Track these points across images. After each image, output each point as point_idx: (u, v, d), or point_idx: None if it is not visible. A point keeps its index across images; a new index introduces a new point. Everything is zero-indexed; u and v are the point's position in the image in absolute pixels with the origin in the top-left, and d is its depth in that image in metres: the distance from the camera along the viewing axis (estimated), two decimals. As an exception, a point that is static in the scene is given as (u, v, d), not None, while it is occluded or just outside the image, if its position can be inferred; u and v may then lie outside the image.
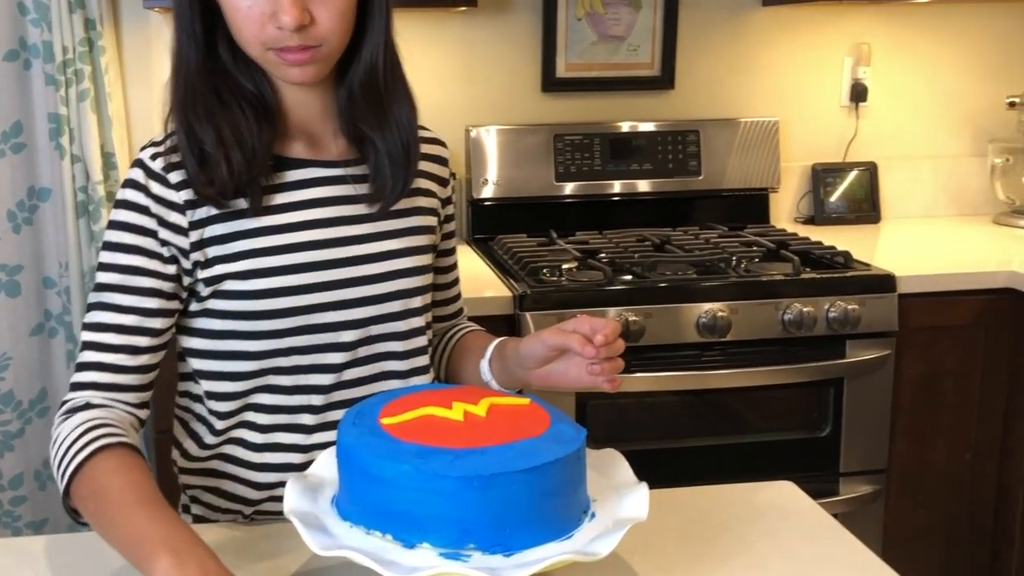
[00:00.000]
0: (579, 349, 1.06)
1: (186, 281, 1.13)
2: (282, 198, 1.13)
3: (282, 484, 1.14)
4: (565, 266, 2.19)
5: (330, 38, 1.06)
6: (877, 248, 2.50)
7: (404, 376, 1.21)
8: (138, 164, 1.12)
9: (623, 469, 1.01)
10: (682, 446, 2.17)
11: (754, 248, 2.33)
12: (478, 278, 2.20)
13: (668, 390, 2.13)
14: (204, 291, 1.13)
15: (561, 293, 2.06)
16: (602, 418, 2.12)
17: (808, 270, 2.18)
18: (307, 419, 1.17)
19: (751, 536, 1.12)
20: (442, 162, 1.29)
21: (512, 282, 2.13)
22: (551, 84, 2.62)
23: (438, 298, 1.33)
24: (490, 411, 0.96)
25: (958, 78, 2.82)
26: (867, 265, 2.22)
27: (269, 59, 1.07)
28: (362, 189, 1.16)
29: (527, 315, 2.03)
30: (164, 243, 1.10)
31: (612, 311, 2.05)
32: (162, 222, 1.10)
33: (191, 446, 1.20)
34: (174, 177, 1.10)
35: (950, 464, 2.28)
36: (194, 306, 1.15)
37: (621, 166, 2.59)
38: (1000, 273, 2.21)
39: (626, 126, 2.60)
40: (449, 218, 1.31)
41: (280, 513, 1.06)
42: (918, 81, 2.80)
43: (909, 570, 1.22)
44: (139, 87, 2.43)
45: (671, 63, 2.65)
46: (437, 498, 0.85)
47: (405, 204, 1.20)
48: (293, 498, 0.94)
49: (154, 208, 1.10)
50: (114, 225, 1.11)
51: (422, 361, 1.23)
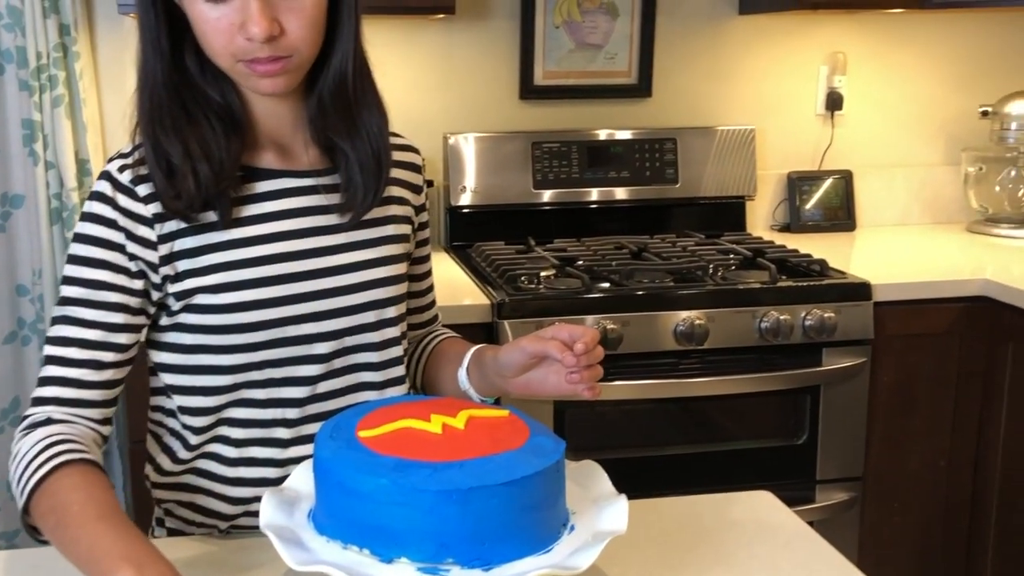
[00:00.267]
0: (558, 355, 1.05)
1: (155, 296, 1.11)
2: (253, 209, 1.12)
3: (257, 499, 1.13)
4: (543, 273, 2.19)
5: (300, 48, 1.05)
6: (852, 256, 2.52)
7: (380, 387, 1.20)
8: (105, 176, 1.10)
9: (602, 481, 1.01)
10: (659, 454, 2.17)
11: (731, 256, 2.34)
12: (456, 286, 2.19)
13: (646, 398, 2.13)
14: (175, 305, 1.11)
15: (539, 301, 2.06)
16: (580, 427, 2.12)
17: (784, 278, 2.19)
18: (282, 433, 1.16)
19: (729, 546, 1.12)
20: (415, 169, 1.28)
21: (490, 290, 2.12)
22: (529, 92, 2.62)
23: (413, 306, 1.32)
24: (469, 423, 0.96)
25: (932, 87, 2.84)
26: (843, 273, 2.23)
27: (239, 70, 1.05)
28: (334, 199, 1.15)
29: (505, 323, 2.03)
30: (132, 257, 1.09)
31: (590, 319, 2.05)
32: (130, 235, 1.08)
33: (164, 461, 1.18)
34: (142, 190, 1.08)
35: (925, 471, 2.30)
36: (164, 320, 1.13)
37: (599, 174, 2.59)
38: (974, 281, 2.23)
39: (603, 134, 2.61)
40: (423, 225, 1.30)
41: (256, 528, 1.05)
42: (892, 90, 2.83)
43: (885, 578, 1.22)
44: (114, 93, 2.41)
45: (648, 71, 2.66)
46: (415, 512, 0.85)
47: (378, 213, 1.18)
48: (269, 512, 0.93)
49: (122, 221, 1.08)
50: (80, 238, 1.09)
51: (398, 372, 1.22)
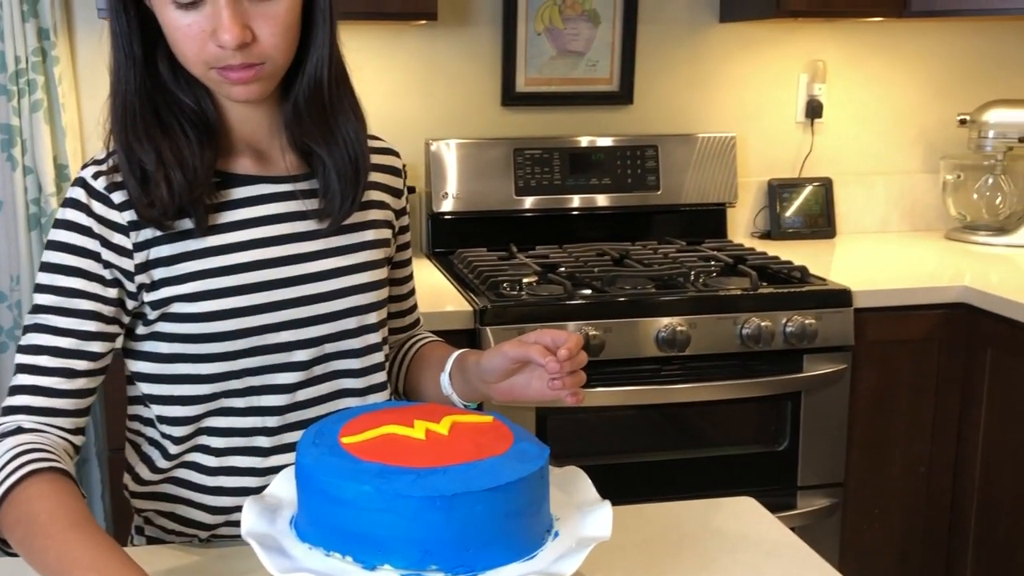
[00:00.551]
0: (540, 360, 1.05)
1: (130, 305, 1.10)
2: (229, 216, 1.11)
3: (238, 509, 1.12)
4: (525, 280, 2.19)
5: (273, 55, 1.03)
6: (833, 263, 2.53)
7: (361, 394, 1.19)
8: (80, 183, 1.09)
9: (586, 487, 1.01)
10: (641, 461, 2.17)
11: (712, 263, 2.34)
12: (438, 292, 2.19)
13: (627, 404, 2.13)
14: (151, 315, 1.10)
15: (521, 307, 2.06)
16: (562, 433, 2.11)
17: (765, 285, 2.20)
18: (262, 442, 1.15)
19: (713, 552, 1.12)
20: (395, 172, 1.27)
21: (472, 296, 2.12)
22: (511, 98, 2.62)
23: (394, 310, 1.31)
24: (452, 429, 0.95)
25: (911, 96, 2.87)
26: (823, 280, 2.24)
27: (212, 78, 1.04)
28: (312, 205, 1.13)
29: (487, 329, 2.02)
30: (107, 265, 1.07)
31: (572, 325, 2.05)
32: (105, 243, 1.07)
33: (143, 470, 1.17)
34: (117, 197, 1.07)
35: (905, 477, 2.31)
36: (141, 329, 1.12)
37: (580, 180, 2.60)
38: (953, 288, 2.24)
39: (585, 141, 2.61)
40: (404, 229, 1.29)
41: (237, 537, 1.04)
42: (872, 98, 2.85)
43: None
44: (93, 98, 2.40)
45: (630, 78, 2.67)
46: (398, 519, 0.84)
47: (357, 218, 1.17)
48: (251, 519, 0.92)
49: (97, 229, 1.07)
50: (54, 246, 1.08)
51: (379, 378, 1.21)
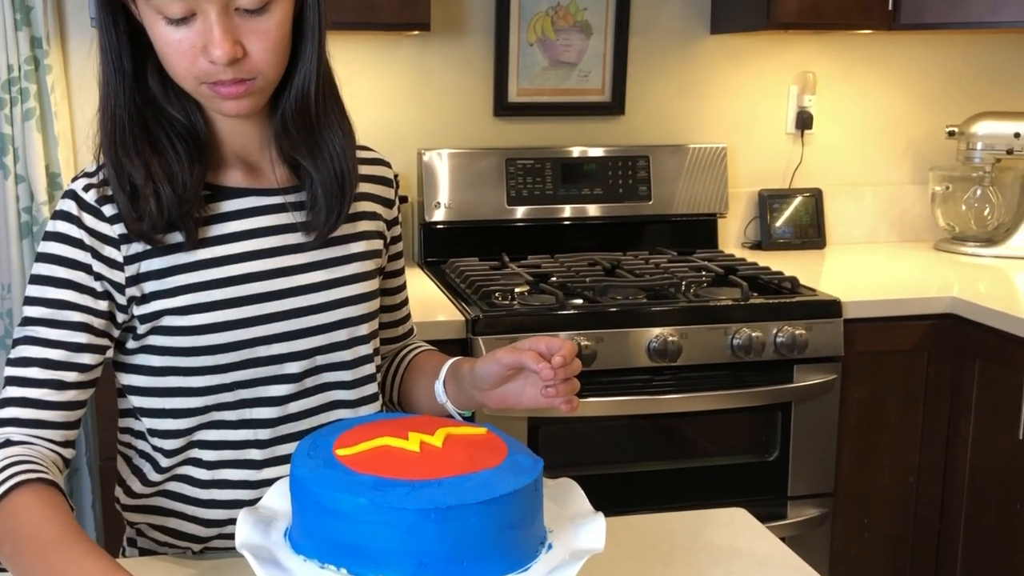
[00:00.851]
0: (534, 366, 1.05)
1: (120, 318, 1.09)
2: (220, 229, 1.11)
3: (231, 521, 1.12)
4: (517, 290, 2.20)
5: (264, 70, 1.03)
6: (823, 274, 2.55)
7: (353, 405, 1.19)
8: (70, 195, 1.08)
9: (579, 499, 1.01)
10: (632, 471, 2.18)
11: (703, 273, 2.35)
12: (430, 302, 2.19)
13: (619, 415, 2.14)
14: (141, 328, 1.10)
15: (513, 317, 2.07)
16: (554, 442, 2.12)
17: (756, 295, 2.21)
18: (254, 454, 1.15)
19: (704, 564, 1.12)
20: (386, 183, 1.27)
21: (464, 306, 2.12)
22: (503, 108, 2.64)
23: (387, 320, 1.32)
24: (447, 441, 0.96)
25: (900, 108, 2.89)
26: (813, 291, 2.26)
27: (202, 92, 1.04)
28: (301, 217, 1.13)
29: (479, 339, 2.03)
30: (98, 277, 1.07)
31: (564, 335, 2.05)
32: (96, 255, 1.07)
33: (135, 483, 1.17)
34: (108, 210, 1.07)
35: (894, 487, 2.32)
36: (132, 343, 1.12)
37: (572, 190, 2.61)
38: (942, 299, 2.26)
39: (577, 151, 2.62)
40: (396, 239, 1.29)
41: (230, 550, 1.04)
42: (861, 110, 2.87)
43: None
44: (86, 106, 2.40)
45: (621, 89, 2.68)
46: (393, 531, 0.84)
47: (348, 230, 1.17)
48: (245, 531, 0.92)
49: (88, 241, 1.07)
50: (44, 258, 1.07)
51: (371, 389, 1.21)
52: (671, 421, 2.18)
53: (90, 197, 1.08)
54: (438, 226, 2.55)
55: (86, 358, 1.07)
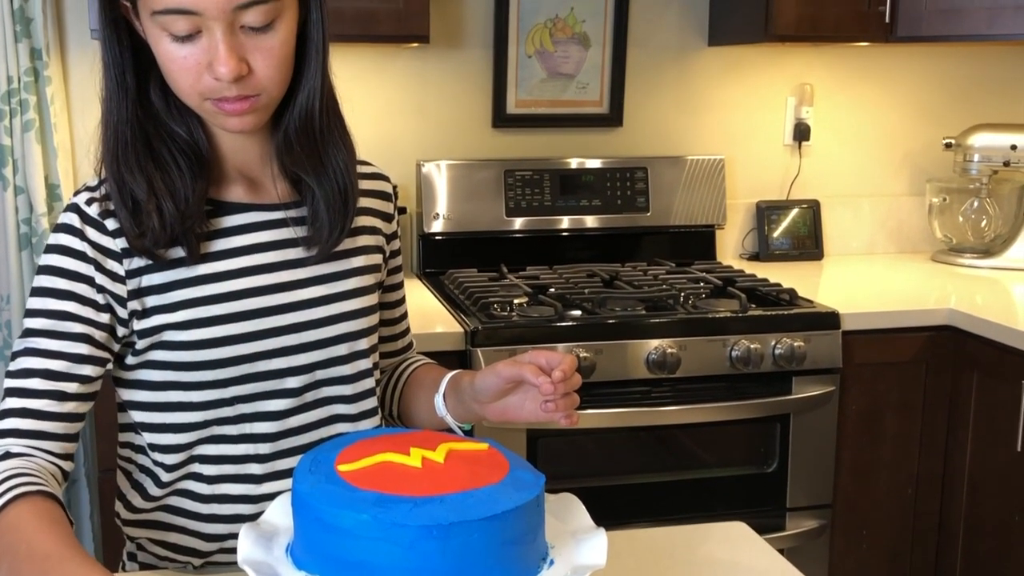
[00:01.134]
0: (534, 380, 1.05)
1: (120, 332, 1.10)
2: (221, 244, 1.11)
3: (232, 536, 1.13)
4: (516, 301, 2.20)
5: (268, 87, 1.04)
6: (820, 285, 2.55)
7: (353, 420, 1.19)
8: (73, 209, 1.09)
9: (581, 514, 1.01)
10: (631, 483, 2.18)
11: (701, 285, 2.36)
12: (428, 313, 2.19)
13: (618, 427, 2.14)
14: (141, 343, 1.10)
15: (512, 329, 2.07)
16: (552, 455, 2.12)
17: (754, 307, 2.22)
18: (255, 469, 1.15)
19: (705, 578, 1.13)
20: (386, 197, 1.27)
21: (463, 317, 2.13)
22: (502, 120, 2.64)
23: (387, 334, 1.32)
24: (448, 457, 0.96)
25: (897, 119, 2.89)
26: (811, 302, 2.26)
27: (206, 109, 1.04)
28: (302, 232, 1.14)
29: (478, 351, 2.03)
30: (101, 289, 1.07)
31: (562, 347, 2.06)
32: (99, 268, 1.07)
33: (135, 498, 1.17)
34: (111, 224, 1.08)
35: (893, 498, 2.32)
36: (131, 359, 1.12)
37: (570, 202, 2.61)
38: (939, 311, 2.26)
39: (575, 162, 2.63)
40: (395, 253, 1.30)
41: (231, 564, 1.04)
42: (858, 122, 2.87)
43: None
44: (85, 117, 2.40)
45: (619, 101, 2.69)
46: (395, 547, 0.84)
47: (348, 244, 1.18)
48: (247, 547, 0.92)
49: (91, 253, 1.07)
50: (46, 270, 1.08)
51: (370, 403, 1.21)
52: (670, 433, 2.18)
53: (93, 211, 1.08)
54: (437, 237, 2.56)
55: (87, 369, 1.07)
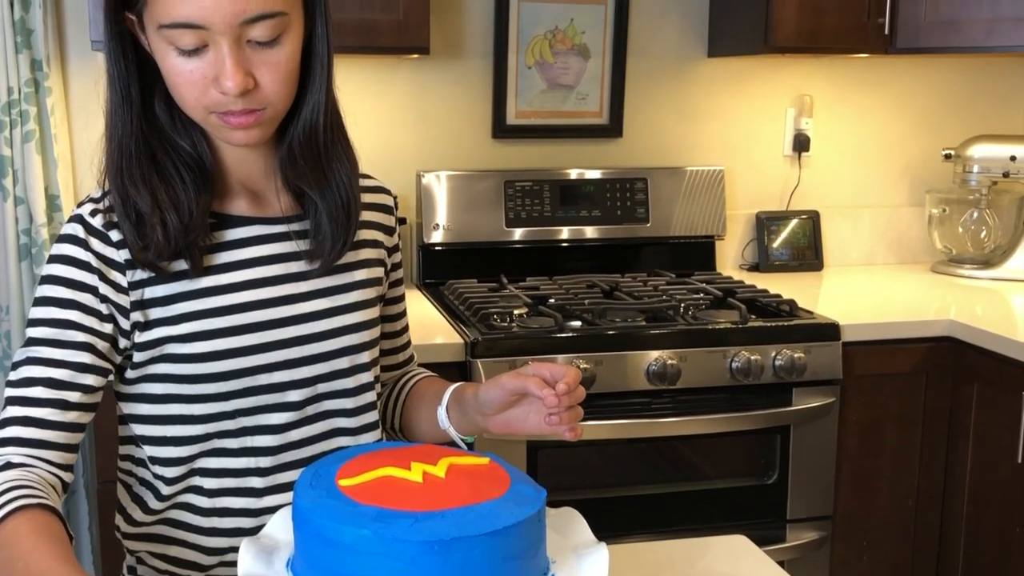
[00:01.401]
0: (537, 392, 1.05)
1: (122, 343, 1.09)
2: (224, 257, 1.11)
3: (233, 549, 1.12)
4: (516, 312, 2.20)
5: (274, 101, 1.04)
6: (820, 296, 2.55)
7: (354, 433, 1.19)
8: (77, 219, 1.09)
9: (582, 529, 1.01)
10: (631, 494, 2.17)
11: (701, 295, 2.36)
12: (428, 324, 2.19)
13: (618, 438, 2.13)
14: (143, 356, 1.10)
15: (512, 340, 2.07)
16: (552, 466, 2.11)
17: (755, 318, 2.22)
18: (256, 482, 1.15)
19: (706, 592, 1.12)
20: (387, 210, 1.28)
21: (463, 328, 2.12)
22: (501, 131, 2.64)
23: (388, 347, 1.32)
24: (449, 472, 0.96)
25: (896, 130, 2.90)
26: (811, 314, 2.26)
27: (212, 122, 1.05)
28: (305, 246, 1.14)
29: (478, 362, 2.03)
30: (104, 299, 1.07)
31: (562, 358, 2.06)
32: (103, 278, 1.07)
33: (135, 511, 1.17)
34: (115, 235, 1.08)
35: (893, 510, 2.32)
36: (132, 372, 1.12)
37: (570, 212, 2.61)
38: (939, 322, 2.26)
39: (575, 173, 2.63)
40: (396, 266, 1.30)
41: (232, 576, 1.03)
42: (858, 132, 2.88)
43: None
44: (85, 129, 2.40)
45: (619, 112, 2.69)
46: (396, 563, 0.84)
47: (350, 258, 1.18)
48: (248, 561, 0.92)
49: (95, 264, 1.07)
50: (49, 280, 1.08)
51: (372, 417, 1.21)
52: (670, 444, 2.18)
53: (97, 222, 1.08)
54: (437, 248, 2.56)
55: (89, 379, 1.07)
